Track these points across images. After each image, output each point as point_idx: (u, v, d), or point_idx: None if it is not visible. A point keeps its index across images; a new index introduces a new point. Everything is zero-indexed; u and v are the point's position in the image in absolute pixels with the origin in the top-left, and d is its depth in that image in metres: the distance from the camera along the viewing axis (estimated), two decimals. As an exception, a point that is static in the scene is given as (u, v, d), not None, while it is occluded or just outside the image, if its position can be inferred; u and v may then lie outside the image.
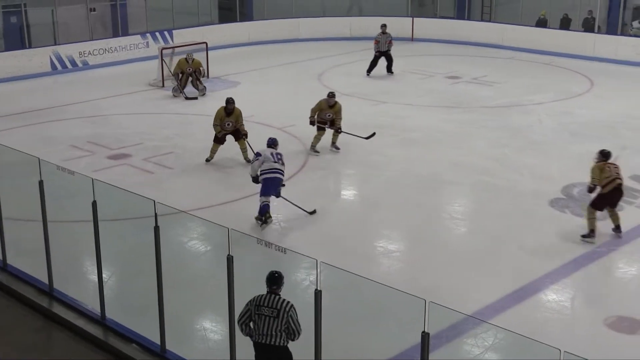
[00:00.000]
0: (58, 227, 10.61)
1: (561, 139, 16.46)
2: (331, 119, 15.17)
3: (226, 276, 7.36)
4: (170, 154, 15.40)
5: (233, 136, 14.66)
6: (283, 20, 28.60)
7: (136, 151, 15.53)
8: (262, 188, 11.70)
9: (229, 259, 7.29)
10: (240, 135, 14.50)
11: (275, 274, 7.08)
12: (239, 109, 14.61)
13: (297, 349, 7.09)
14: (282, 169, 11.80)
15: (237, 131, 14.57)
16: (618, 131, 16.95)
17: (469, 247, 11.44)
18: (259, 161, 11.76)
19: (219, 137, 14.70)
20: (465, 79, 22.17)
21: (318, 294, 6.64)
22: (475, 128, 17.22)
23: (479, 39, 27.38)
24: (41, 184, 9.34)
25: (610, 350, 8.56)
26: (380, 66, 22.57)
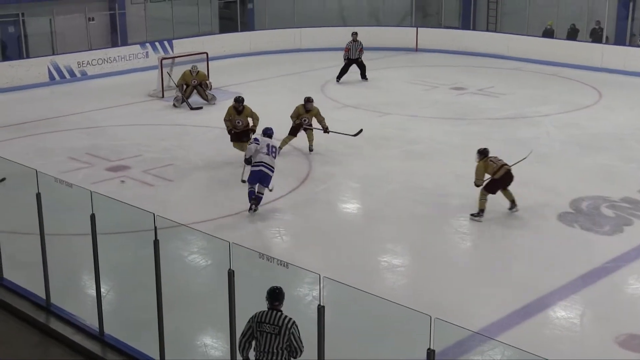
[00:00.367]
0: (55, 240, 10.42)
1: (569, 151, 16.27)
2: (308, 124, 15.58)
3: (227, 291, 7.23)
4: (169, 165, 15.23)
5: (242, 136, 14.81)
6: (284, 30, 28.47)
7: (135, 163, 15.36)
8: (249, 176, 12.59)
9: (230, 274, 7.17)
10: (249, 136, 14.52)
11: (276, 289, 6.94)
12: (249, 108, 14.66)
13: (299, 367, 6.92)
14: (270, 164, 12.52)
15: (246, 131, 14.66)
16: (627, 143, 16.76)
17: (474, 261, 11.29)
18: (255, 148, 12.55)
19: (232, 135, 15.02)
20: (471, 90, 21.99)
21: (321, 310, 6.51)
22: (481, 140, 16.92)
23: (484, 49, 27.15)
24: (38, 196, 9.21)
25: (621, 369, 8.37)
26: (353, 73, 22.94)
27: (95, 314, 8.80)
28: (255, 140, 12.75)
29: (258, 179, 12.53)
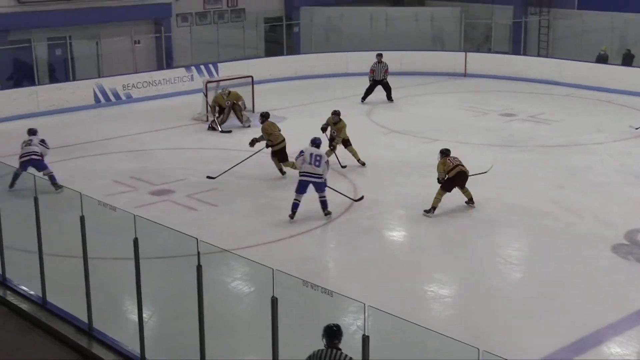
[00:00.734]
0: (98, 264, 10.43)
1: (623, 181, 15.85)
2: (333, 137, 16.11)
3: (270, 318, 7.15)
4: (213, 190, 15.17)
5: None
6: (331, 54, 28.34)
7: (179, 187, 15.36)
8: (297, 187, 13.23)
9: (274, 301, 7.09)
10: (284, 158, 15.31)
11: (334, 327, 6.76)
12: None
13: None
14: (317, 173, 13.02)
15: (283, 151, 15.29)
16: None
17: (524, 293, 11.00)
18: (302, 161, 13.14)
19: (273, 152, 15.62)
20: (521, 117, 21.59)
21: (366, 340, 6.40)
22: (532, 168, 16.67)
23: (535, 74, 26.62)
24: (82, 219, 9.20)
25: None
26: (380, 93, 23.06)
27: (137, 339, 8.73)
28: (301, 153, 13.25)
29: (304, 188, 13.14)
